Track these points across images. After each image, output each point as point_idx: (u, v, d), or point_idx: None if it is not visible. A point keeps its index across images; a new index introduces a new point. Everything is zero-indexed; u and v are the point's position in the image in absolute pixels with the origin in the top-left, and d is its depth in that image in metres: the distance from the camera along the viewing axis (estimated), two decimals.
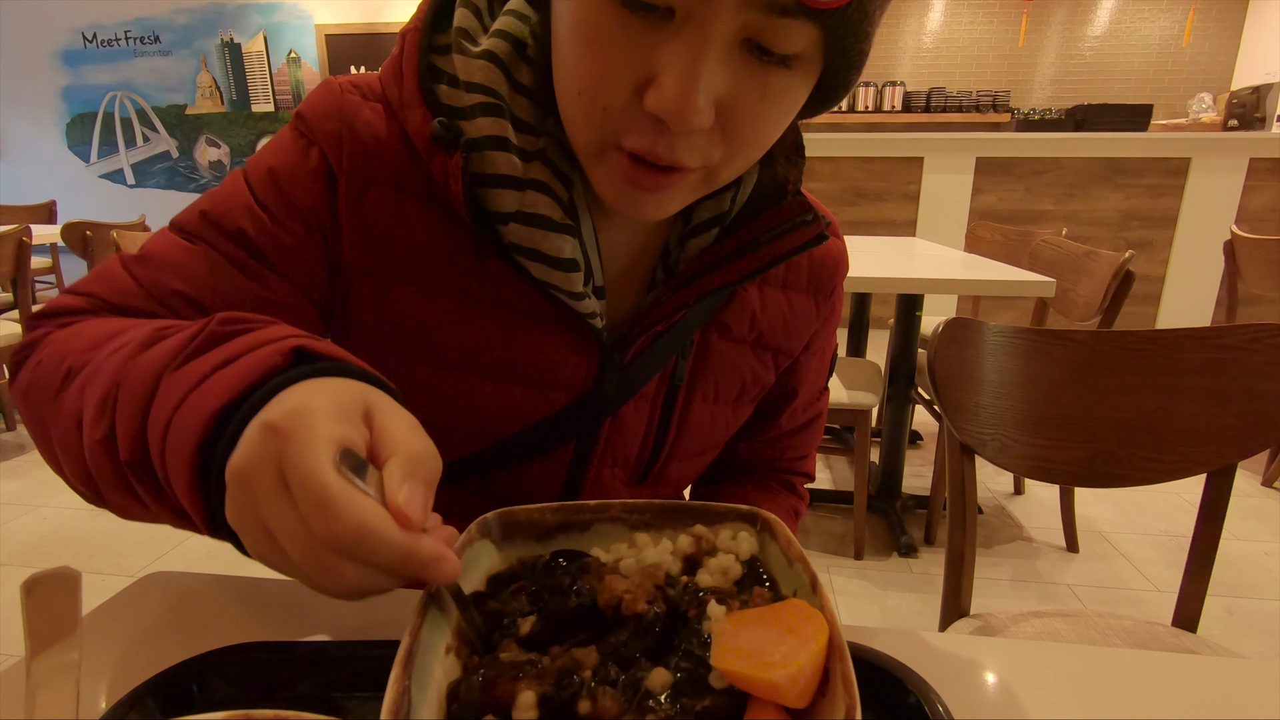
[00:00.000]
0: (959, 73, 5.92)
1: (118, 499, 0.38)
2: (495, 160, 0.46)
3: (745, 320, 0.58)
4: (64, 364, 0.41)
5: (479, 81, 0.46)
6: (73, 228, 2.69)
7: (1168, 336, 0.87)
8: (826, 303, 0.64)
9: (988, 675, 0.43)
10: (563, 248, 0.48)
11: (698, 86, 0.37)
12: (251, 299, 0.48)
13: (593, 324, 0.51)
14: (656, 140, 0.40)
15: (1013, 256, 2.34)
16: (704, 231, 0.53)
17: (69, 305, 0.47)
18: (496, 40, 0.47)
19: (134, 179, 6.07)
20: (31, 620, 0.25)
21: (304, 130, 0.49)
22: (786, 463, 0.72)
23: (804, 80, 0.41)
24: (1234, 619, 1.72)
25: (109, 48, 5.84)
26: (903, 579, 1.87)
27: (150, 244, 0.49)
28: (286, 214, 0.48)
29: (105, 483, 0.37)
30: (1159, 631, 0.90)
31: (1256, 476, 2.44)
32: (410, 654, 0.27)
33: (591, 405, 0.55)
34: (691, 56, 0.37)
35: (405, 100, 0.47)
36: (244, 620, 0.46)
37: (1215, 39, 5.60)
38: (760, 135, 0.42)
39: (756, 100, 0.40)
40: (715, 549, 0.36)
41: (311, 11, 5.59)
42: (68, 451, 0.39)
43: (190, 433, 0.31)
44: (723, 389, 0.60)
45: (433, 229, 0.49)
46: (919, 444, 2.75)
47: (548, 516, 0.38)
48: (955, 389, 0.91)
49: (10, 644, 1.60)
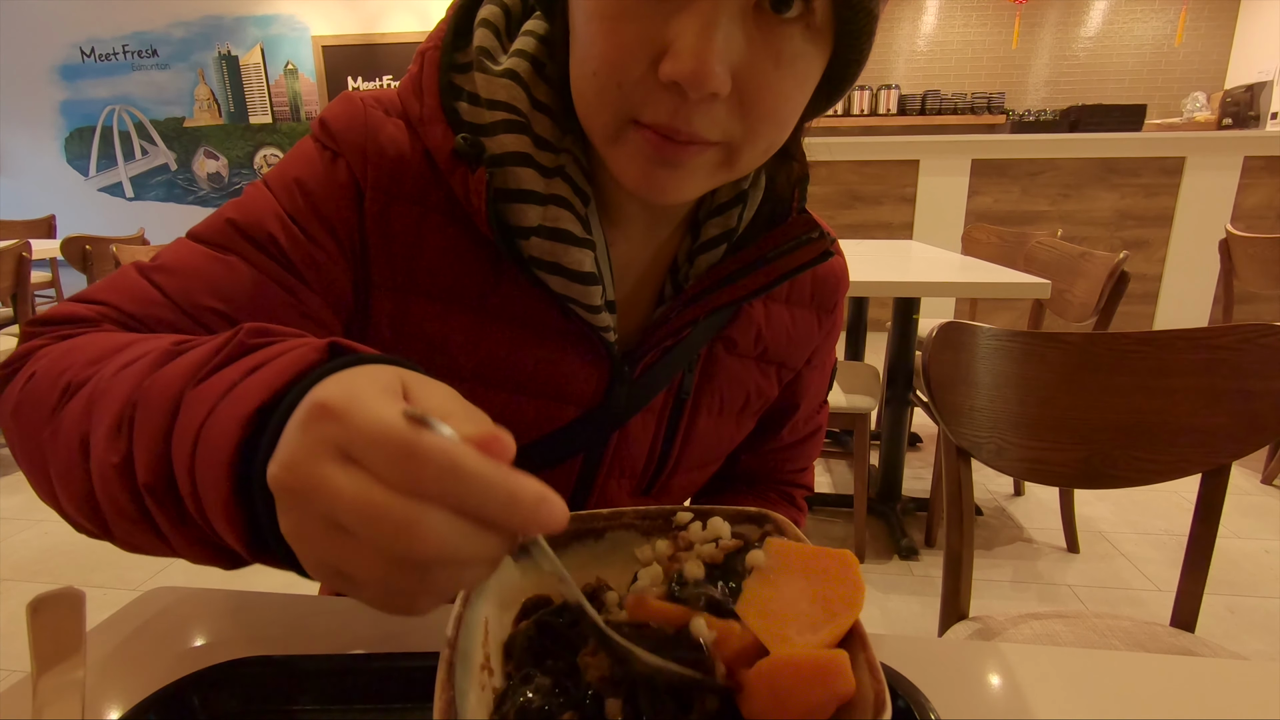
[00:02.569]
0: (953, 75, 5.94)
1: (127, 530, 0.33)
2: (519, 176, 0.47)
3: (750, 335, 0.60)
4: (62, 379, 0.37)
5: (501, 99, 0.47)
6: (72, 242, 2.69)
7: (1160, 338, 0.88)
8: (828, 318, 0.65)
9: (981, 680, 0.43)
10: (583, 261, 0.48)
11: (713, 48, 0.37)
12: (287, 312, 0.47)
13: (605, 338, 0.52)
14: (675, 113, 0.40)
15: (1008, 258, 2.35)
16: (712, 248, 0.54)
17: (73, 314, 0.43)
18: (517, 60, 0.48)
19: (133, 192, 6.08)
20: (37, 640, 0.26)
21: (328, 142, 0.49)
22: (787, 474, 0.73)
23: (816, 50, 0.41)
24: (1235, 618, 1.72)
25: (106, 62, 5.86)
26: (904, 582, 1.87)
27: (170, 255, 0.46)
28: (318, 226, 0.48)
29: (116, 511, 0.33)
30: (1157, 632, 0.90)
31: (1256, 474, 2.44)
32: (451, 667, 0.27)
33: (601, 418, 0.56)
34: (705, 21, 0.37)
35: (426, 116, 0.48)
36: (246, 634, 0.47)
37: (1208, 38, 5.62)
38: (778, 107, 0.42)
39: (772, 68, 0.40)
40: (691, 543, 0.36)
41: (308, 23, 5.62)
42: (67, 477, 0.35)
43: (226, 438, 0.28)
44: (728, 402, 0.61)
45: (452, 244, 0.50)
46: (918, 446, 2.75)
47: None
48: (950, 393, 0.92)
49: (11, 660, 1.60)
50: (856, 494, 1.94)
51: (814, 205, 0.57)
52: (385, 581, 0.24)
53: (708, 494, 0.72)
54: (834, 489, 2.42)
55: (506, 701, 0.29)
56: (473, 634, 0.29)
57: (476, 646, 0.30)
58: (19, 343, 0.42)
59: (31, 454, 0.37)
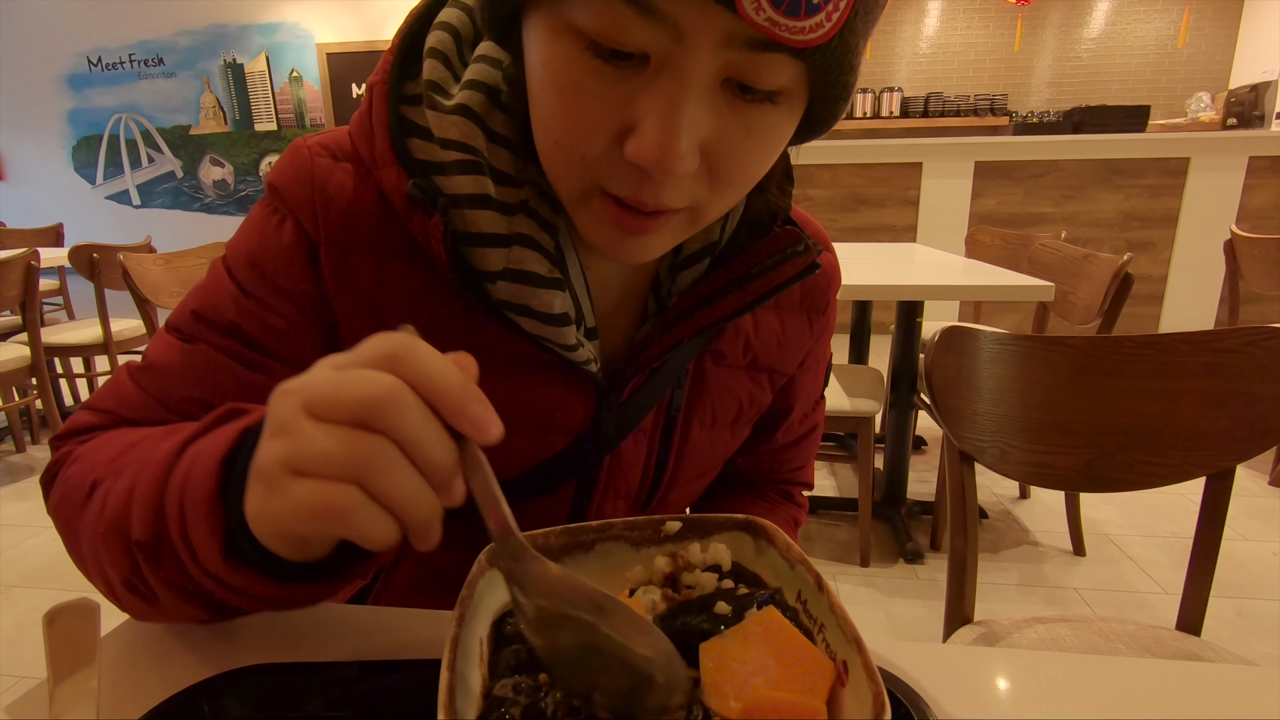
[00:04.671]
0: (956, 77, 5.95)
1: (126, 596, 0.40)
2: (478, 219, 0.45)
3: (739, 345, 0.58)
4: (89, 477, 0.42)
5: (454, 139, 0.44)
6: (80, 250, 2.72)
7: (1163, 341, 0.88)
8: (820, 319, 0.63)
9: (985, 685, 0.44)
10: (552, 303, 0.47)
11: (679, 134, 0.36)
12: (258, 389, 0.47)
13: (587, 369, 0.51)
14: (639, 187, 0.39)
15: (1012, 260, 2.35)
16: (694, 263, 0.52)
17: (86, 423, 0.49)
18: (469, 92, 0.45)
19: (139, 200, 6.13)
20: (53, 649, 0.26)
21: (276, 205, 0.48)
22: (785, 474, 0.72)
23: (789, 115, 0.40)
24: (1243, 620, 1.71)
25: (113, 71, 5.91)
26: (909, 585, 1.87)
27: (151, 350, 0.49)
28: (274, 298, 0.48)
29: (115, 572, 0.39)
30: (1163, 636, 0.90)
31: (1263, 476, 2.43)
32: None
33: (590, 444, 0.55)
34: (671, 103, 0.35)
35: (378, 159, 0.46)
36: (255, 643, 0.47)
37: (1212, 38, 5.61)
38: (747, 173, 0.41)
39: (741, 139, 0.39)
40: (690, 564, 0.37)
41: (312, 31, 5.66)
42: (97, 561, 0.41)
43: (210, 457, 0.34)
44: (720, 414, 0.60)
45: (417, 287, 0.48)
46: (923, 449, 2.75)
47: (552, 540, 0.38)
48: (953, 397, 0.92)
49: (23, 665, 1.61)
50: (861, 497, 1.94)
51: (817, 209, 0.57)
52: (341, 463, 0.28)
53: (705, 496, 0.71)
54: (838, 492, 2.41)
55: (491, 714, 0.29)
56: (469, 655, 0.30)
57: (474, 669, 0.30)
58: (52, 454, 0.50)
59: (74, 544, 0.44)
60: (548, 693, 0.30)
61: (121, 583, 0.40)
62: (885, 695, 0.26)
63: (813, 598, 0.33)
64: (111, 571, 0.40)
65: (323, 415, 0.28)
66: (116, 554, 0.39)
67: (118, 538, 0.38)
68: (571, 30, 0.35)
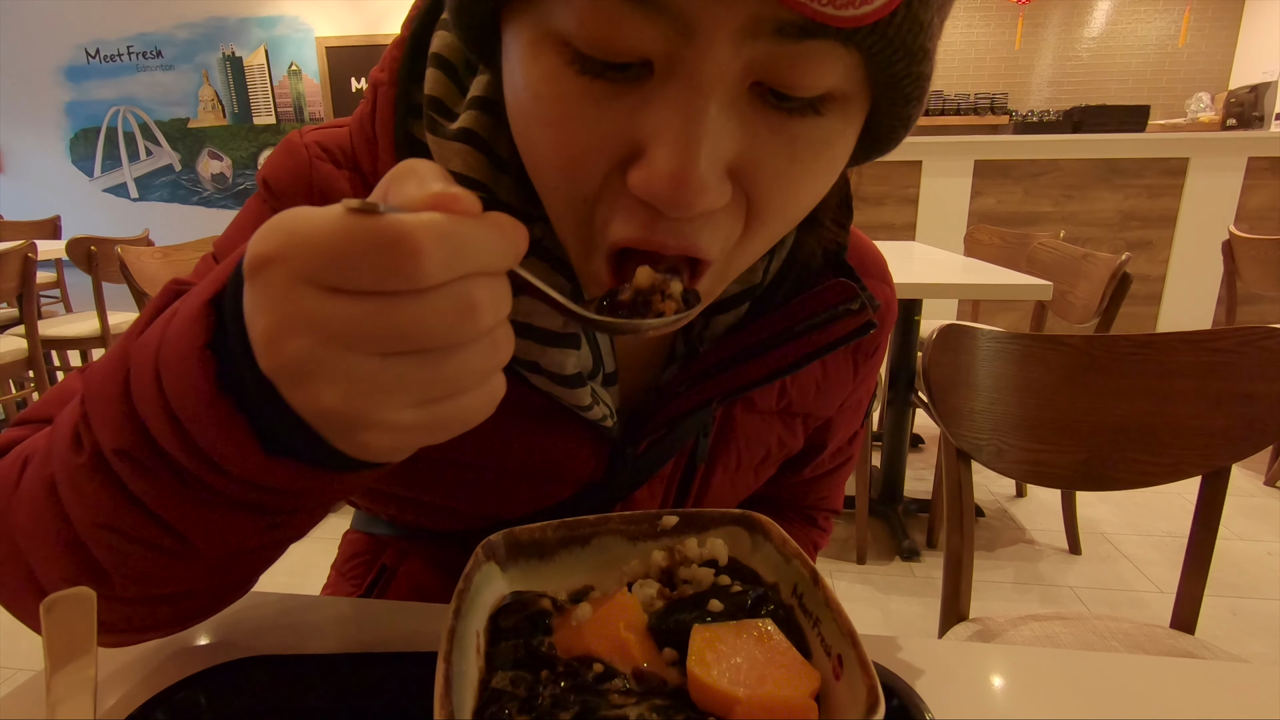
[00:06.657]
0: (956, 76, 5.94)
1: (113, 546, 0.31)
2: None
3: (773, 393, 0.52)
4: (20, 455, 0.35)
5: (457, 170, 0.39)
6: (77, 243, 2.71)
7: (1160, 340, 0.88)
8: (866, 364, 0.55)
9: (980, 681, 0.44)
10: (565, 363, 0.42)
11: (697, 155, 0.28)
12: None
13: (602, 425, 0.46)
14: (652, 227, 0.31)
15: (1011, 259, 2.35)
16: (731, 308, 0.45)
17: (19, 436, 0.39)
18: (473, 112, 0.39)
19: (137, 193, 6.10)
20: (50, 639, 0.26)
21: (274, 204, 0.44)
22: (810, 502, 0.68)
23: (844, 125, 0.31)
24: (1238, 620, 1.72)
25: (112, 63, 5.88)
26: (905, 583, 1.88)
27: None
28: None
29: (94, 524, 0.30)
30: (1157, 634, 0.91)
31: (1259, 476, 2.43)
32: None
33: (601, 494, 0.51)
34: (684, 117, 0.28)
35: (381, 173, 0.41)
36: (252, 634, 0.47)
37: (1212, 38, 5.61)
38: (792, 206, 0.33)
39: (785, 163, 0.30)
40: (686, 559, 0.37)
41: (312, 24, 5.63)
42: (38, 531, 0.32)
43: (186, 340, 0.26)
44: (745, 458, 0.54)
45: None
46: (920, 447, 2.75)
47: (549, 534, 0.38)
48: (950, 395, 0.92)
49: (19, 658, 1.61)
50: (858, 495, 1.94)
51: None
52: (409, 380, 0.23)
53: None
54: None
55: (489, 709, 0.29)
56: (466, 648, 0.30)
57: (471, 661, 0.30)
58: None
59: (4, 540, 0.34)
60: (545, 685, 0.30)
61: (65, 547, 0.31)
62: (880, 689, 0.26)
63: (809, 592, 0.33)
64: (53, 538, 0.31)
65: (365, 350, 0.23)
66: (81, 505, 0.30)
67: (82, 475, 0.30)
68: (555, 41, 0.29)
